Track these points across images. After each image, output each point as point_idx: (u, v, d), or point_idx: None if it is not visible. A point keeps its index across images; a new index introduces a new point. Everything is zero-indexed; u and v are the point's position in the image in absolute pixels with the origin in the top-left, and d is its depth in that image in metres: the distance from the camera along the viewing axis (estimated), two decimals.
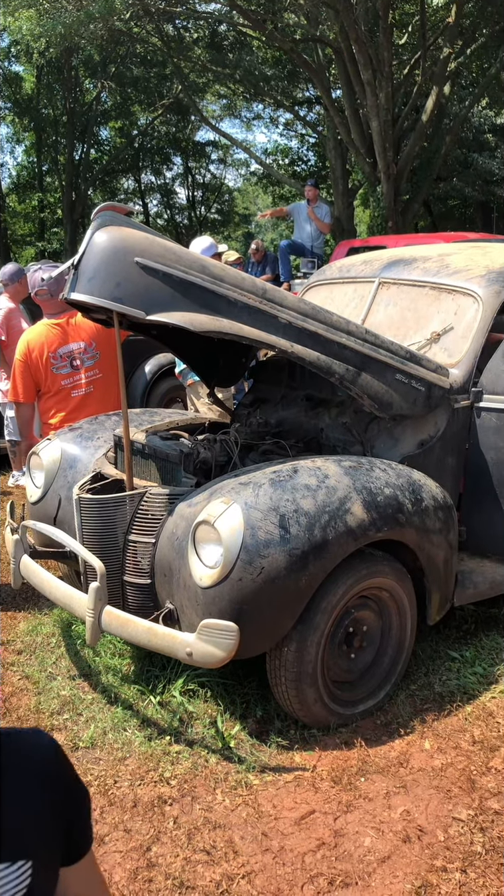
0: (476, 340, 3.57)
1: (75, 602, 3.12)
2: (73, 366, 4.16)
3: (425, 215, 22.64)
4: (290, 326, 3.14)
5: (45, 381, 4.21)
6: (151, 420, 4.07)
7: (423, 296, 3.85)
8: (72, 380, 4.18)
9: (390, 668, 3.25)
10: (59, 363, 4.15)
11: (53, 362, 4.16)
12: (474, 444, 3.58)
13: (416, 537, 3.10)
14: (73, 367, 4.16)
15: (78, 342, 4.17)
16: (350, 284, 4.32)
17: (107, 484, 3.39)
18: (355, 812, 2.63)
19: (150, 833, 2.56)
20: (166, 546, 3.04)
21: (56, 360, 4.15)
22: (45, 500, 3.70)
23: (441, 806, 2.65)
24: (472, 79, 16.84)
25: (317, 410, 3.80)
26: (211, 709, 3.21)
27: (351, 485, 2.96)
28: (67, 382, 4.19)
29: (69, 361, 4.14)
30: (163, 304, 2.90)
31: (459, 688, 3.33)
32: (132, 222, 3.04)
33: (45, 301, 4.22)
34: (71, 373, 4.16)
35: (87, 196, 27.33)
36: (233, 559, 2.73)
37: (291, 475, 2.93)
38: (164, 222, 31.63)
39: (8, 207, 28.12)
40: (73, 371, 4.16)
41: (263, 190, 29.15)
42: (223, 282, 3.02)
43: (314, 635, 2.90)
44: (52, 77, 24.23)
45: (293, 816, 2.62)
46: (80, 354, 4.16)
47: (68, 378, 4.18)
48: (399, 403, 3.36)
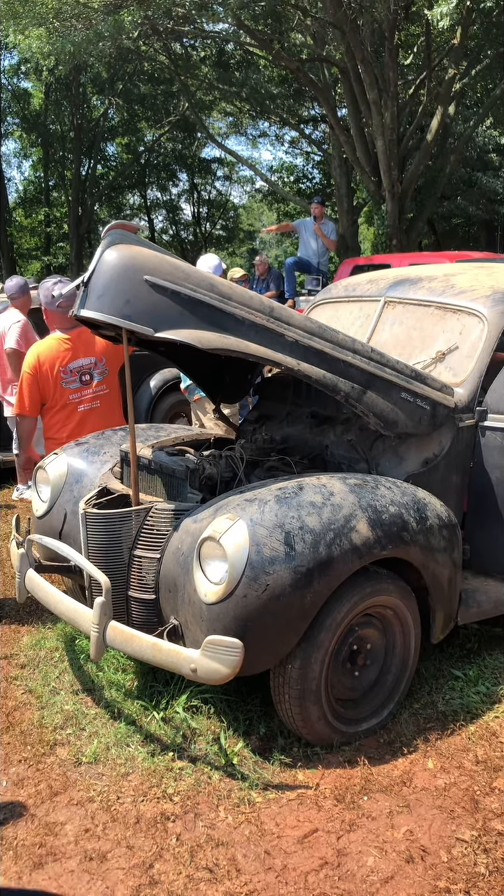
0: (481, 360, 3.59)
1: (80, 617, 3.12)
2: (83, 381, 4.18)
3: (429, 234, 22.75)
4: (296, 344, 3.16)
5: (53, 395, 4.24)
6: (157, 435, 4.09)
7: (429, 315, 3.88)
8: (80, 395, 4.21)
9: (394, 687, 3.25)
10: (69, 378, 4.17)
11: (63, 377, 4.18)
12: (478, 463, 3.59)
13: (420, 555, 3.10)
14: (82, 382, 4.19)
15: (88, 357, 4.19)
16: (356, 303, 4.35)
17: (113, 499, 3.41)
18: (358, 831, 2.62)
19: (152, 850, 2.56)
20: (171, 562, 3.05)
21: (66, 374, 4.18)
22: (51, 515, 3.72)
23: (444, 826, 2.65)
24: (476, 99, 16.98)
25: (322, 427, 3.82)
26: (214, 725, 3.21)
27: (356, 502, 2.97)
28: (75, 397, 4.22)
29: (79, 376, 4.17)
30: (171, 322, 2.92)
31: (463, 707, 3.32)
32: (142, 240, 3.07)
33: (58, 315, 4.24)
34: (80, 388, 4.19)
35: (94, 211, 27.54)
36: (238, 576, 2.74)
37: (297, 492, 2.95)
38: (169, 238, 31.82)
39: (14, 221, 28.32)
40: (81, 386, 4.19)
41: (268, 207, 29.34)
42: (231, 300, 3.05)
43: (318, 653, 2.90)
44: (60, 94, 24.49)
45: (296, 835, 2.61)
46: (89, 369, 4.18)
47: (76, 393, 4.20)
48: (404, 422, 3.38)
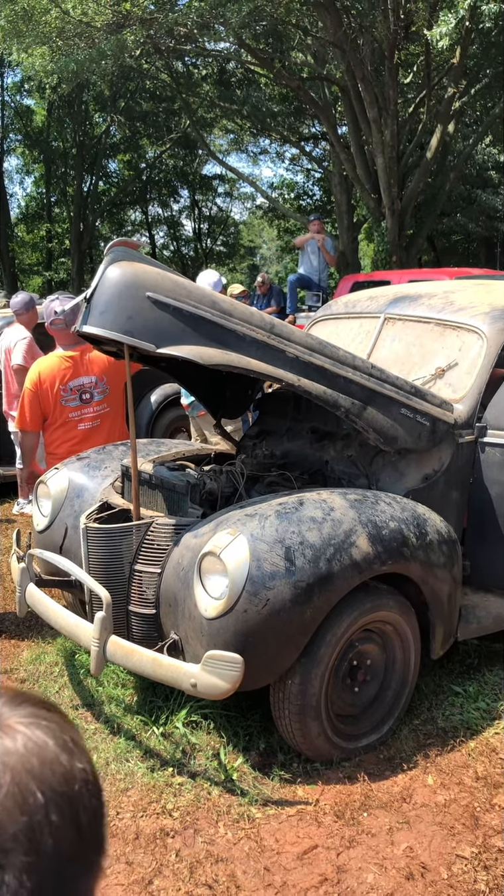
0: (480, 376, 3.61)
1: (80, 631, 3.13)
2: (83, 399, 4.20)
3: (429, 250, 22.87)
4: (297, 360, 3.18)
5: (53, 411, 4.26)
6: (158, 450, 4.10)
7: (428, 332, 3.91)
8: (80, 413, 4.23)
9: (394, 703, 3.25)
10: (69, 396, 4.19)
11: (63, 394, 4.20)
12: (478, 479, 3.61)
13: (420, 571, 3.11)
14: (82, 401, 4.20)
15: (89, 376, 4.21)
16: (356, 320, 4.37)
17: (114, 513, 3.42)
18: (358, 847, 2.62)
19: (151, 866, 2.55)
20: (172, 576, 3.06)
21: (66, 392, 4.20)
22: (52, 529, 3.73)
23: (444, 843, 2.64)
24: (475, 117, 17.13)
25: (322, 443, 3.84)
26: (214, 741, 3.21)
27: (356, 518, 2.98)
28: (75, 415, 4.23)
29: (79, 395, 4.19)
30: (173, 338, 2.95)
31: (463, 723, 3.32)
32: (144, 257, 3.10)
33: (59, 332, 4.26)
34: (80, 406, 4.21)
35: (95, 227, 27.69)
36: (238, 591, 2.75)
37: (297, 507, 2.96)
38: (170, 254, 31.97)
39: (16, 237, 28.48)
40: (81, 404, 4.21)
41: (269, 223, 29.48)
42: (232, 316, 3.08)
43: (318, 668, 2.90)
44: (62, 111, 24.68)
45: (296, 851, 2.61)
46: (90, 388, 4.20)
47: (76, 411, 4.22)
48: (404, 437, 3.39)
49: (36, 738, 0.67)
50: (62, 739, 0.68)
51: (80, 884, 0.66)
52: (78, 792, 0.67)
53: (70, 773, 0.67)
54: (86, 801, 0.67)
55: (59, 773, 0.66)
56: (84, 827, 0.66)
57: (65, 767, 0.67)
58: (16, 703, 0.70)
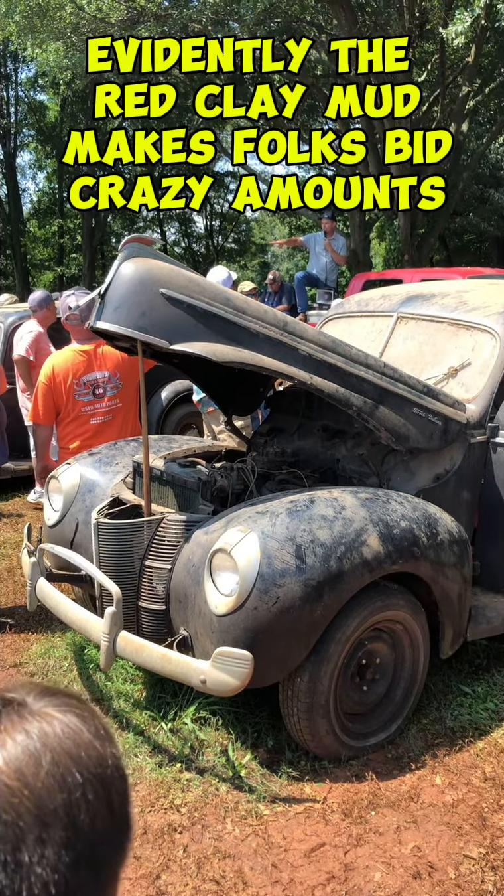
0: (493, 376, 3.60)
1: (90, 626, 3.14)
2: (96, 394, 4.22)
3: (441, 249, 22.80)
4: (309, 358, 3.18)
5: (66, 405, 4.28)
6: (169, 447, 4.11)
7: (441, 331, 3.90)
8: (92, 407, 4.25)
9: (402, 702, 3.24)
10: (82, 390, 4.21)
11: (76, 389, 4.23)
12: (489, 480, 3.60)
13: (430, 571, 3.11)
14: (94, 395, 4.22)
15: (103, 371, 4.24)
16: (368, 318, 4.37)
17: (125, 509, 3.43)
18: (365, 846, 2.62)
19: (159, 861, 2.56)
20: (182, 573, 3.06)
21: (79, 386, 4.22)
22: (63, 524, 3.74)
23: (452, 843, 2.64)
24: (489, 116, 17.04)
25: (333, 441, 3.84)
26: (222, 737, 3.21)
27: (367, 517, 2.98)
28: (87, 409, 4.25)
29: (92, 389, 4.21)
30: (186, 335, 2.95)
31: (471, 723, 3.31)
32: (158, 254, 3.11)
33: (74, 327, 4.30)
34: (92, 400, 4.23)
35: (107, 223, 27.70)
36: (249, 588, 2.75)
37: (308, 505, 2.96)
38: (181, 250, 31.97)
39: (28, 232, 28.53)
40: (94, 399, 4.23)
41: (280, 221, 29.44)
42: (245, 314, 3.08)
43: (327, 666, 2.90)
44: (76, 106, 24.70)
45: (303, 848, 2.61)
46: (103, 383, 4.22)
47: (89, 405, 4.24)
48: (416, 437, 3.39)
49: (71, 723, 0.70)
50: (94, 726, 0.71)
51: (112, 863, 0.69)
52: (110, 775, 0.70)
53: (103, 757, 0.70)
54: (117, 784, 0.70)
55: (93, 756, 0.69)
56: (116, 808, 0.69)
57: (98, 751, 0.70)
58: (47, 693, 0.73)
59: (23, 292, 22.21)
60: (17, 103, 26.07)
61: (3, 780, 0.64)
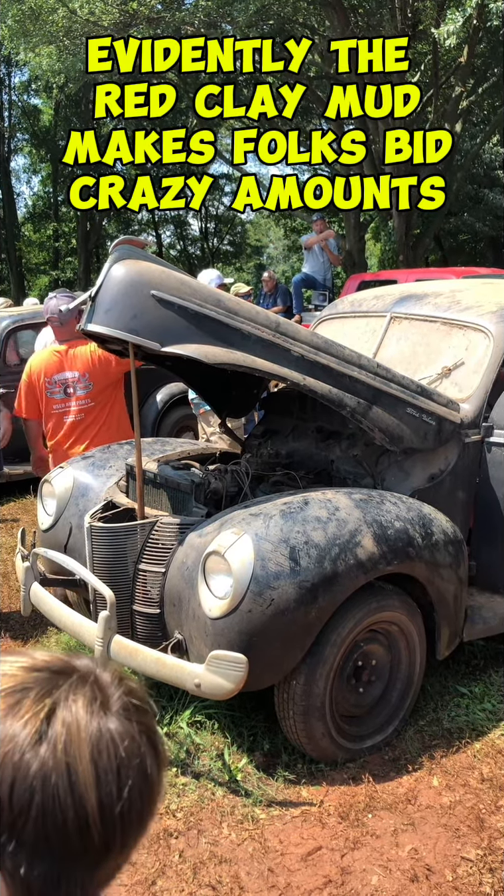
0: (487, 376, 3.59)
1: (84, 630, 3.12)
2: (67, 393, 4.34)
3: (436, 250, 22.80)
4: (302, 359, 3.17)
5: (42, 403, 4.41)
6: (163, 449, 4.09)
7: (435, 331, 3.89)
8: (63, 405, 4.36)
9: (399, 703, 3.23)
10: (54, 388, 4.33)
11: (48, 387, 4.35)
12: (484, 479, 3.59)
13: (426, 571, 3.10)
14: (66, 394, 4.34)
15: (73, 371, 4.32)
16: (362, 319, 4.36)
17: (118, 513, 3.41)
18: (362, 849, 2.60)
19: (155, 866, 2.54)
20: (176, 576, 3.05)
21: (51, 385, 4.34)
22: (57, 528, 3.72)
23: (449, 845, 2.62)
24: (483, 116, 17.06)
25: (327, 442, 3.82)
26: (218, 741, 3.20)
27: (361, 517, 2.97)
28: (59, 408, 4.37)
29: (63, 388, 4.34)
30: (178, 336, 2.94)
31: (468, 724, 3.30)
32: (149, 256, 3.09)
33: (55, 328, 4.39)
34: (64, 399, 4.34)
35: (102, 226, 27.70)
36: (243, 590, 2.74)
37: (302, 507, 2.95)
38: (176, 253, 31.98)
39: (23, 236, 28.52)
40: (65, 398, 4.34)
41: (275, 223, 29.45)
42: (237, 315, 3.06)
43: (323, 668, 2.89)
44: (69, 110, 24.71)
45: (300, 852, 2.60)
46: (73, 383, 4.32)
47: (61, 404, 4.35)
48: (410, 437, 3.37)
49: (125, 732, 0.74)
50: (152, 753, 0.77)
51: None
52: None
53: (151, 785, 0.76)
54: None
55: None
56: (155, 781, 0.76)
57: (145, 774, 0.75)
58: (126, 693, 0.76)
59: (18, 296, 22.20)
60: (10, 107, 26.07)
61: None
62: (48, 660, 0.75)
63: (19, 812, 0.66)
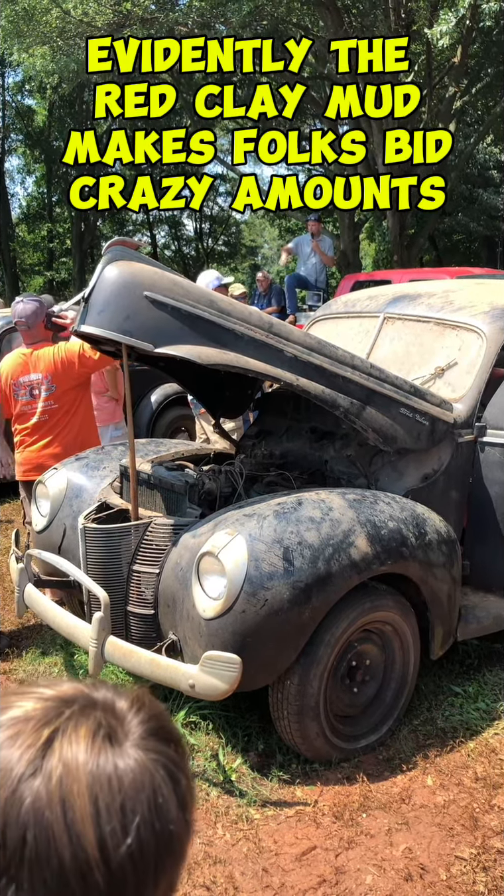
0: (480, 376, 3.60)
1: (78, 632, 3.12)
2: (32, 394, 4.43)
3: (430, 250, 22.84)
4: (295, 360, 3.17)
5: (10, 403, 4.48)
6: (157, 450, 4.10)
7: (428, 331, 3.90)
8: (29, 406, 4.43)
9: (393, 703, 3.24)
10: (20, 390, 4.41)
11: (15, 389, 4.42)
12: (478, 479, 3.59)
13: (419, 571, 3.10)
14: (31, 396, 4.43)
15: (36, 373, 4.38)
16: (355, 319, 4.36)
17: (112, 514, 3.41)
18: (357, 849, 2.61)
19: None
20: (170, 577, 3.05)
21: (17, 387, 4.42)
22: (50, 529, 3.72)
23: (443, 844, 2.63)
24: (477, 117, 17.09)
25: (321, 443, 3.83)
26: (212, 741, 3.20)
27: (355, 518, 2.97)
28: (26, 408, 4.44)
29: (28, 390, 4.41)
30: (171, 337, 2.94)
31: (462, 724, 3.31)
32: (142, 257, 3.09)
33: (22, 332, 4.46)
34: (30, 400, 4.42)
35: (96, 227, 27.67)
36: (236, 591, 2.74)
37: (296, 507, 2.95)
38: (171, 253, 31.96)
39: (17, 237, 28.48)
40: (31, 399, 4.42)
41: (270, 223, 29.46)
42: (230, 316, 3.07)
43: (317, 669, 2.89)
44: (63, 111, 24.68)
45: (294, 852, 2.60)
46: (37, 385, 4.42)
47: (27, 405, 4.43)
48: (403, 437, 3.38)
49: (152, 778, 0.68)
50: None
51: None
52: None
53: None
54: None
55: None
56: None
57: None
58: (150, 730, 0.69)
59: (12, 297, 22.18)
60: (4, 108, 26.04)
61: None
62: (64, 689, 0.70)
63: (14, 850, 0.61)
